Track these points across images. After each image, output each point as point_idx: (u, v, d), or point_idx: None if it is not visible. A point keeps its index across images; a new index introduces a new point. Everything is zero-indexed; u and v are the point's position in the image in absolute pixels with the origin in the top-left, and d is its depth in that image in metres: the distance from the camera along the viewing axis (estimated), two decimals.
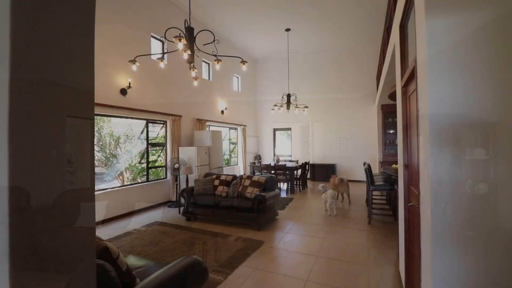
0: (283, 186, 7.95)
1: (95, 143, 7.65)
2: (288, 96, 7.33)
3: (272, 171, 7.16)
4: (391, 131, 7.62)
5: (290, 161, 8.82)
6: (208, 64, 7.98)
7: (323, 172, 9.12)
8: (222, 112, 8.47)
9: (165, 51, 6.44)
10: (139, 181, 6.36)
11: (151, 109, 5.77)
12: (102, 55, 4.76)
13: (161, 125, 6.33)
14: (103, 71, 4.79)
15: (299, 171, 7.95)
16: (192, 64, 3.43)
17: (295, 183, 7.34)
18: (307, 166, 7.79)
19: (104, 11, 4.81)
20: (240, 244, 3.52)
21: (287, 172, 7.02)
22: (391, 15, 3.72)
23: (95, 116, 5.14)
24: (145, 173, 6.04)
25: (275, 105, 7.37)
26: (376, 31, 7.92)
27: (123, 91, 5.15)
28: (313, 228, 4.23)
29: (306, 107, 7.48)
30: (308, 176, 8.84)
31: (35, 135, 0.71)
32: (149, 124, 5.97)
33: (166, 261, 3.06)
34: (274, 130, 10.75)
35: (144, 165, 6.10)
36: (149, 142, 6.00)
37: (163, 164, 6.46)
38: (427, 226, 1.41)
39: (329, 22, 7.54)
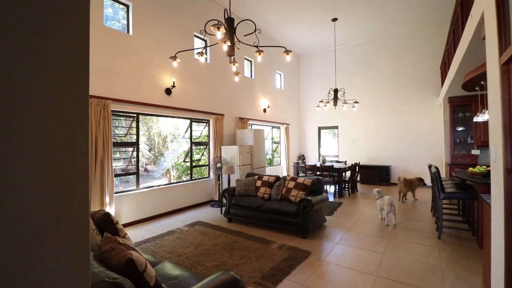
0: (330, 189, 7.37)
1: (145, 141, 8.09)
2: (335, 91, 6.74)
3: (318, 173, 6.66)
4: (461, 128, 6.47)
5: (338, 161, 8.16)
6: (250, 61, 7.81)
7: (375, 174, 8.24)
8: (265, 110, 8.23)
9: (207, 48, 6.43)
10: (184, 179, 6.46)
11: (194, 108, 5.80)
12: (148, 56, 4.88)
13: (204, 124, 6.33)
14: (149, 72, 4.91)
15: (348, 173, 7.28)
16: (232, 57, 3.22)
17: (343, 186, 6.71)
18: (357, 167, 7.08)
19: (149, 12, 4.93)
20: (284, 253, 3.19)
21: (334, 174, 6.45)
22: None
23: (144, 116, 5.35)
24: (190, 171, 6.09)
25: (321, 101, 6.85)
26: (437, 12, 6.83)
27: (168, 91, 5.23)
28: (368, 239, 3.68)
29: (356, 102, 6.79)
30: (358, 178, 8.08)
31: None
32: (193, 123, 6.01)
33: (205, 266, 2.89)
34: (319, 128, 10.13)
35: (189, 164, 6.16)
36: (193, 141, 6.04)
37: (206, 163, 6.46)
38: None
39: (381, 8, 6.73)
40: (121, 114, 4.65)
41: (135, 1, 4.71)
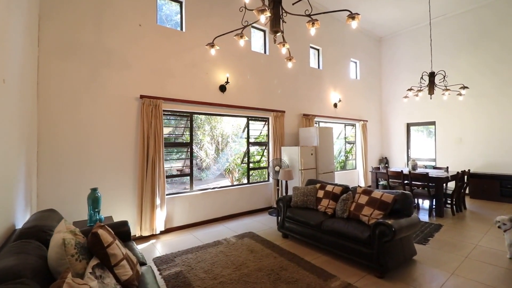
0: (423, 204, 5.70)
1: (208, 141, 8.13)
2: (431, 75, 5.11)
3: (405, 181, 5.17)
4: None
5: (434, 167, 6.30)
6: (318, 50, 6.83)
7: (494, 187, 6.00)
8: (335, 105, 7.09)
9: (266, 39, 5.85)
10: (244, 182, 6.07)
11: (251, 105, 5.30)
12: (200, 52, 4.62)
13: (263, 122, 5.77)
14: (202, 69, 4.66)
15: (452, 184, 5.48)
16: (279, 33, 2.49)
17: (444, 201, 5.00)
18: (465, 176, 5.22)
19: (201, 5, 4.67)
20: None
21: (430, 185, 4.86)
22: None
23: (200, 115, 5.16)
24: (250, 173, 5.63)
25: (410, 90, 5.33)
26: None
27: (222, 88, 4.88)
28: None
29: (465, 87, 4.98)
30: (467, 191, 6.04)
31: None
32: (250, 122, 5.52)
33: None
34: (408, 125, 8.21)
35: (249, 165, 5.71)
36: (252, 141, 5.56)
37: (266, 165, 5.89)
38: None
39: None
40: (174, 113, 4.53)
41: None
